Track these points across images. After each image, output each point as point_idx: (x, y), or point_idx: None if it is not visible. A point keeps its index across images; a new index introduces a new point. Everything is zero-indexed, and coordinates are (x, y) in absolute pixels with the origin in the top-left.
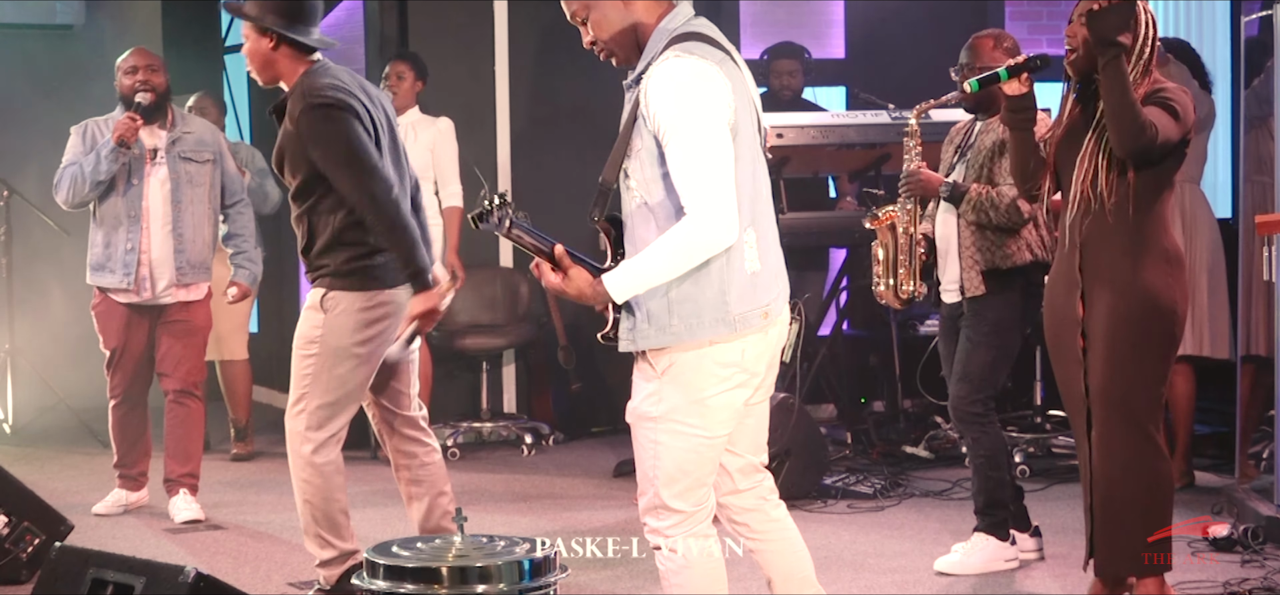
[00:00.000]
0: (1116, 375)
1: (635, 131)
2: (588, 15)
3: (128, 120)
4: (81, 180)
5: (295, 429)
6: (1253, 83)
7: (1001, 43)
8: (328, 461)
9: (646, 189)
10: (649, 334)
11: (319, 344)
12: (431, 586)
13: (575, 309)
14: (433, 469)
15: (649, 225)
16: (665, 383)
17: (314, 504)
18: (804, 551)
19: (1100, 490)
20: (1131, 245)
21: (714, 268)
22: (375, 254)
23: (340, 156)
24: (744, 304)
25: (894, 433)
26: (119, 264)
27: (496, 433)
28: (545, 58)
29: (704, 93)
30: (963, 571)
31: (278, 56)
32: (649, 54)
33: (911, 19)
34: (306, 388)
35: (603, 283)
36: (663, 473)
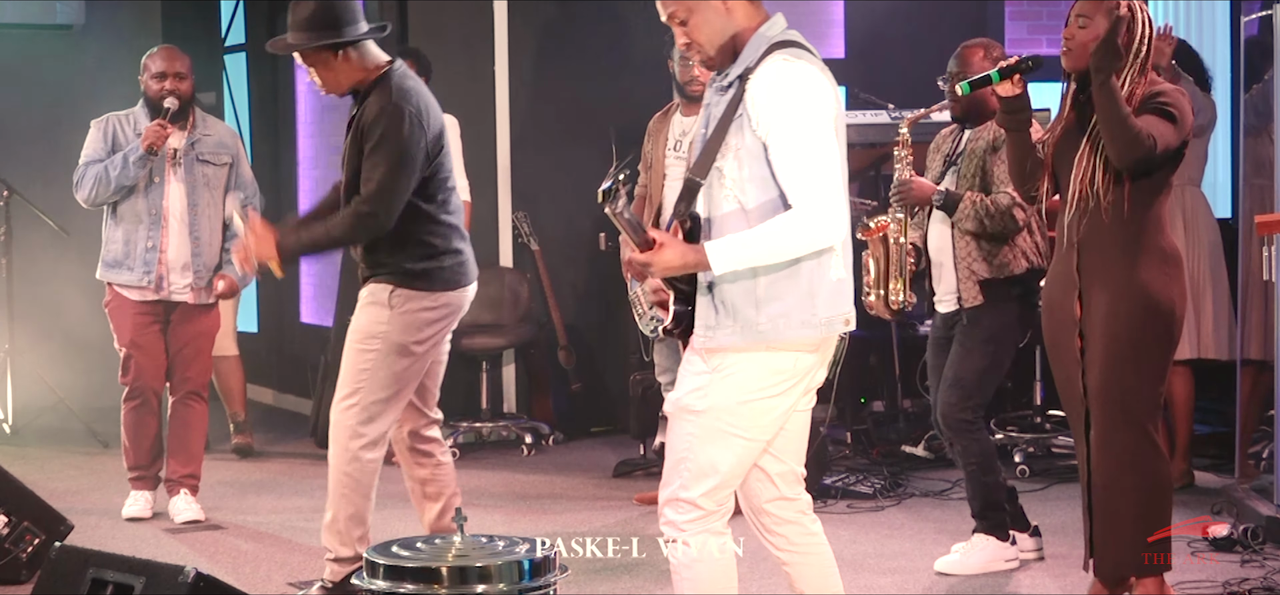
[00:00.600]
0: (1115, 375)
1: (733, 130)
2: (687, 17)
3: (158, 128)
4: (105, 182)
5: (345, 422)
6: (1252, 88)
7: (991, 52)
8: (374, 458)
9: (742, 189)
10: (733, 331)
11: (381, 340)
12: (431, 586)
13: (575, 309)
14: (446, 471)
15: (740, 225)
16: (715, 379)
17: (348, 498)
18: (836, 572)
19: (1099, 490)
20: (1129, 245)
21: (804, 269)
22: (443, 255)
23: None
24: (830, 309)
25: (893, 433)
26: (139, 262)
27: (496, 433)
28: (545, 58)
29: (815, 95)
30: (962, 571)
31: (344, 66)
32: (747, 58)
33: (911, 19)
34: (363, 382)
35: (704, 250)
36: (694, 468)
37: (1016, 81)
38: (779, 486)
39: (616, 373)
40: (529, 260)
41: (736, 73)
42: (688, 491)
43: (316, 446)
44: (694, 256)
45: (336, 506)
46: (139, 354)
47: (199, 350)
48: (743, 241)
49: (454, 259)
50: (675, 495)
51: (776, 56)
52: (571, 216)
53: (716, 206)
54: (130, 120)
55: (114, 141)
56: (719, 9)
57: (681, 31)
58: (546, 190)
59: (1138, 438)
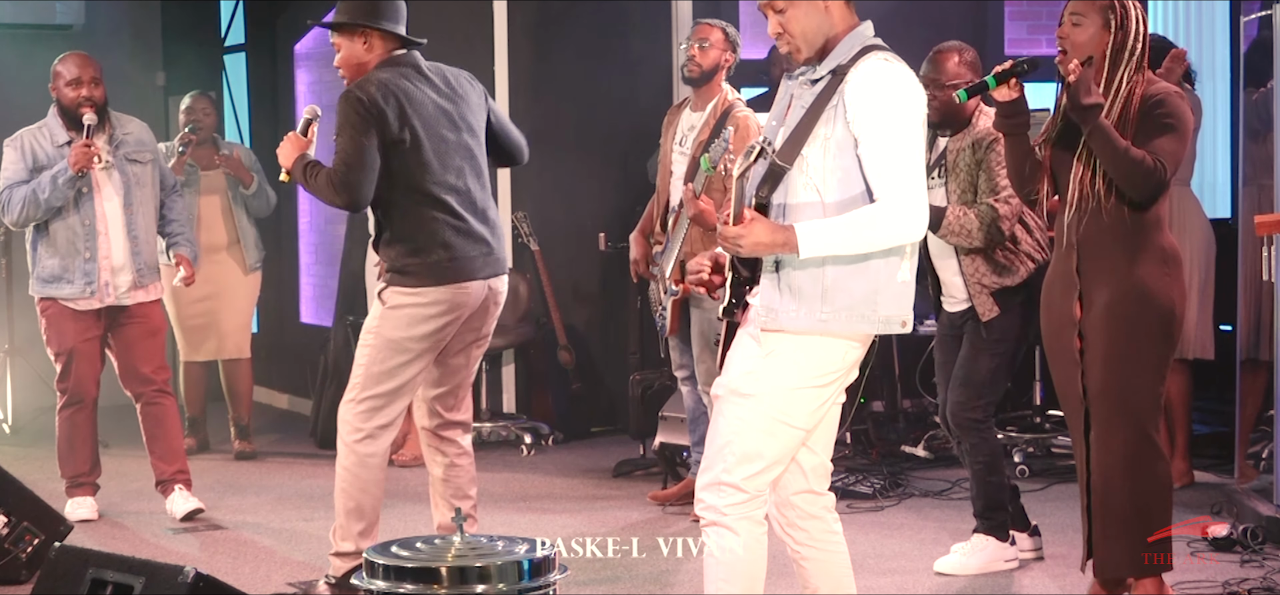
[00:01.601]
0: (1114, 375)
1: (824, 120)
2: (786, 7)
3: (83, 149)
4: (35, 204)
5: (345, 417)
6: (1255, 94)
7: (964, 56)
8: (371, 452)
9: (823, 179)
10: (796, 315)
11: (373, 335)
12: (431, 586)
13: (575, 309)
14: (461, 473)
15: (815, 216)
16: (766, 364)
17: (349, 492)
18: (851, 575)
19: (1098, 490)
20: (1128, 245)
21: (873, 265)
22: (430, 251)
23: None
24: (890, 308)
25: (893, 433)
26: (78, 274)
27: (496, 433)
28: (545, 58)
29: (912, 97)
30: (962, 572)
31: (370, 56)
32: (839, 55)
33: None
34: (360, 377)
35: (793, 231)
36: (740, 451)
37: (1013, 86)
38: (809, 480)
39: (616, 373)
40: (529, 260)
41: (828, 67)
42: (731, 475)
43: (316, 446)
44: (782, 237)
45: (339, 500)
46: (79, 360)
47: (153, 348)
48: (828, 227)
49: (446, 254)
50: (718, 479)
51: (876, 56)
52: (571, 216)
53: (794, 193)
54: (46, 133)
55: (33, 158)
56: (819, 7)
57: (776, 20)
58: (546, 190)
59: (1137, 438)
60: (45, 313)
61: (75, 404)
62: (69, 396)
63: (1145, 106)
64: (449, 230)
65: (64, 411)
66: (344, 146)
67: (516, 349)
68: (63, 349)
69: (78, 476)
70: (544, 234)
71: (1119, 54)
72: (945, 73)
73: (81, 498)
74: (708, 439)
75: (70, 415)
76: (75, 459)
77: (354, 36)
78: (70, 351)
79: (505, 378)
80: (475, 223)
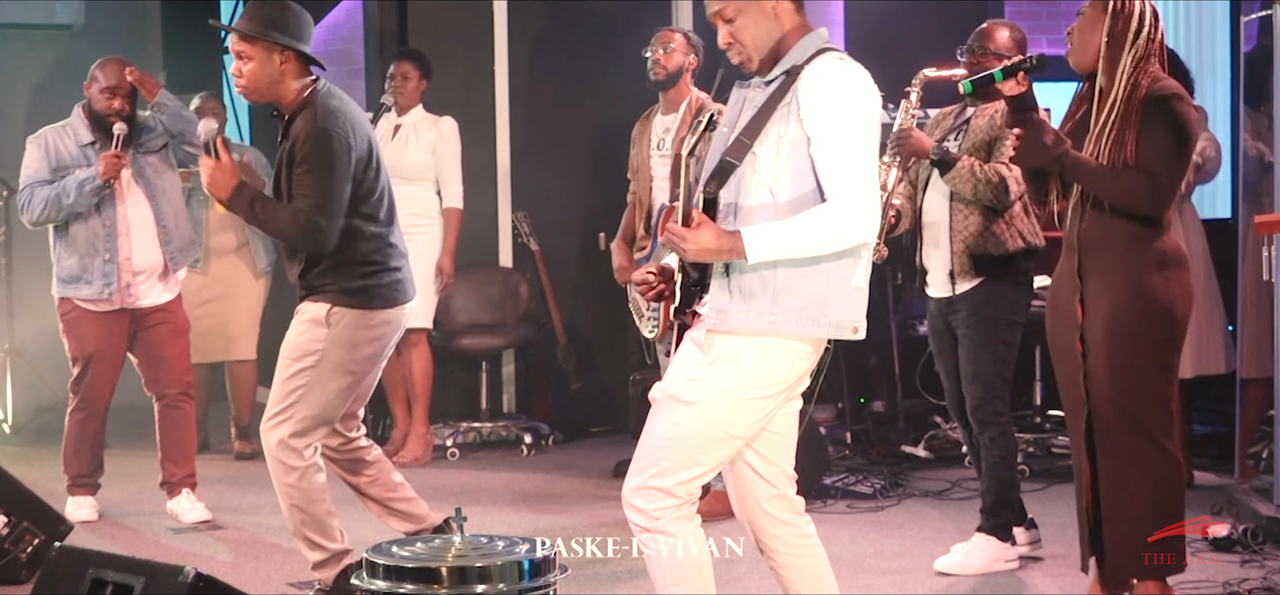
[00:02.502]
0: (1116, 378)
1: (777, 118)
2: (735, 16)
3: (114, 160)
4: (56, 208)
5: (278, 437)
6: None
7: (1015, 34)
8: (309, 465)
9: (775, 178)
10: (745, 316)
11: (318, 358)
12: (431, 586)
13: (575, 309)
14: (383, 464)
15: (768, 216)
16: (709, 371)
17: (300, 508)
18: (830, 575)
19: (1103, 492)
20: (1129, 246)
21: (825, 269)
22: (381, 273)
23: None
24: (841, 314)
25: (893, 433)
26: (97, 275)
27: (496, 433)
28: (545, 58)
29: (866, 97)
30: (964, 572)
31: (285, 73)
32: (794, 57)
33: (911, 19)
34: (296, 399)
35: (740, 236)
36: (675, 457)
37: (1021, 80)
38: (774, 486)
39: (616, 373)
40: (529, 260)
41: (782, 69)
42: (664, 480)
43: None
44: (729, 242)
45: (291, 518)
46: (97, 366)
47: (179, 350)
48: (777, 231)
49: (392, 277)
50: (650, 484)
51: (831, 56)
52: (572, 216)
53: (746, 193)
54: (69, 132)
55: (56, 157)
56: (768, 12)
57: (726, 30)
58: (546, 190)
59: (1138, 440)
60: (64, 315)
61: (87, 410)
62: (81, 401)
63: (1148, 103)
64: (395, 254)
65: (75, 415)
66: (318, 186)
67: (516, 349)
68: (81, 354)
69: (79, 476)
70: (544, 234)
71: (1118, 41)
72: (994, 42)
73: (82, 497)
74: (641, 440)
75: (81, 419)
76: (79, 460)
77: (270, 52)
78: (88, 356)
79: (505, 378)
80: (402, 246)
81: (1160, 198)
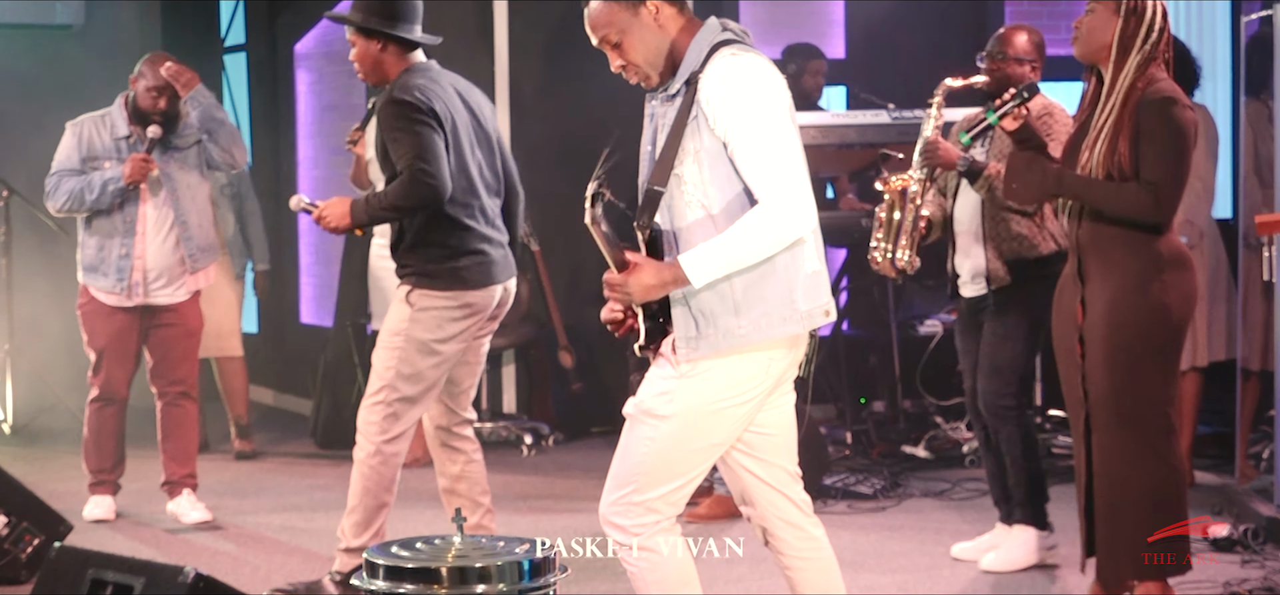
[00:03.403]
0: (1113, 377)
1: (690, 133)
2: (620, 39)
3: (142, 163)
4: (79, 201)
5: (371, 418)
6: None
7: (1034, 37)
8: (396, 452)
9: (705, 193)
10: (715, 339)
11: (403, 337)
12: (431, 587)
13: (575, 309)
14: (475, 470)
15: (708, 232)
16: (682, 384)
17: (371, 491)
18: (838, 575)
19: (1100, 493)
20: (1129, 248)
21: (779, 266)
22: (460, 256)
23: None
24: (809, 302)
25: (894, 433)
26: (113, 269)
27: (496, 433)
28: (545, 58)
29: (768, 85)
30: (1009, 567)
31: (385, 57)
32: (690, 62)
33: (911, 19)
34: (387, 378)
35: (680, 265)
36: (650, 472)
37: (1016, 115)
38: (778, 489)
39: (616, 373)
40: (529, 260)
41: (682, 79)
42: (643, 495)
43: (317, 446)
44: (670, 274)
45: (358, 498)
46: (112, 358)
47: (186, 351)
48: (716, 249)
49: (473, 259)
50: (627, 499)
51: (723, 53)
52: (572, 217)
53: (680, 216)
54: (107, 123)
55: (89, 147)
56: (650, 25)
57: (616, 54)
58: (546, 190)
59: (1137, 441)
60: (81, 305)
61: (105, 401)
62: (100, 392)
63: (1143, 108)
64: (475, 236)
65: (94, 404)
66: (408, 143)
67: (516, 349)
68: (96, 346)
69: (101, 472)
70: (544, 234)
71: (1128, 43)
72: (1013, 47)
73: (101, 496)
74: (616, 456)
75: (99, 409)
76: (100, 454)
77: (370, 38)
78: (103, 349)
79: (505, 378)
80: (493, 227)
81: (1164, 207)
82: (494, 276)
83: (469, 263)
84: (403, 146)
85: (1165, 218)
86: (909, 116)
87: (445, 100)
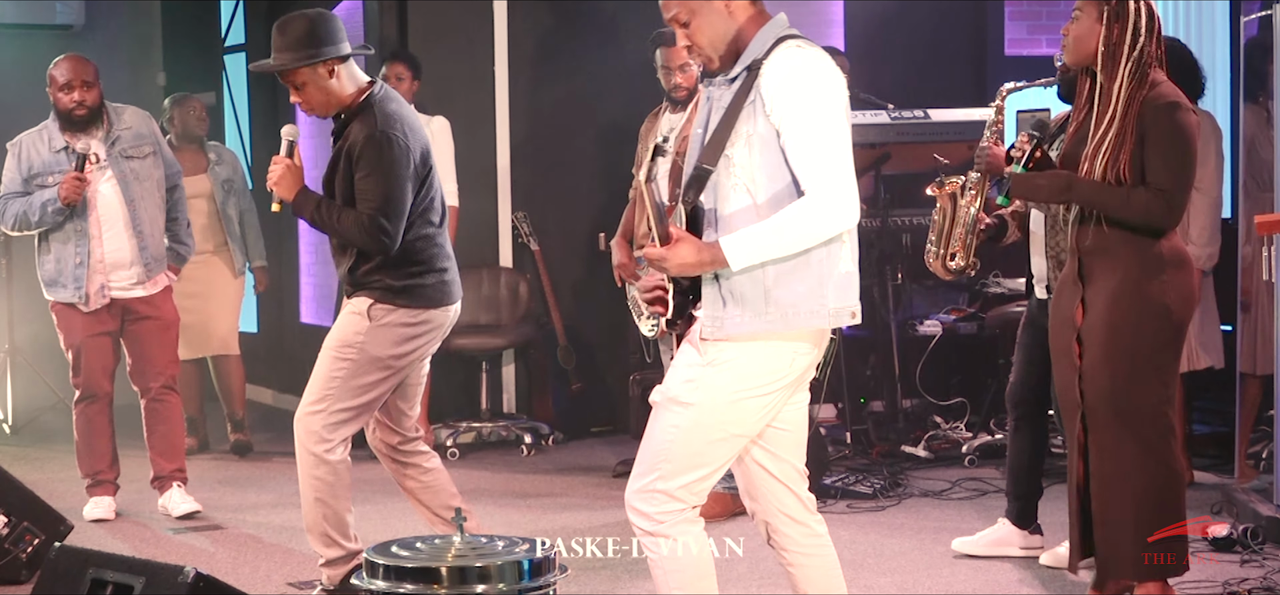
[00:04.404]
0: (1111, 376)
1: (745, 117)
2: (690, 19)
3: (74, 182)
4: (26, 222)
5: (311, 428)
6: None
7: None
8: (340, 461)
9: (752, 177)
10: (741, 321)
11: (356, 350)
12: (431, 586)
13: (575, 309)
14: (437, 477)
15: (749, 218)
16: (707, 372)
17: (325, 502)
18: (840, 574)
19: (1097, 495)
20: (1129, 249)
21: (814, 259)
22: (427, 273)
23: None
24: (838, 300)
25: (893, 433)
26: (70, 279)
27: (496, 433)
28: (545, 58)
29: (829, 81)
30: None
31: (333, 84)
32: (753, 52)
33: (911, 19)
34: (333, 389)
35: (720, 246)
36: (676, 460)
37: (1041, 153)
38: (786, 486)
39: (616, 373)
40: (529, 260)
41: (743, 64)
42: (666, 483)
43: None
44: (709, 254)
45: (312, 512)
46: (87, 355)
47: (163, 343)
48: (758, 234)
49: (437, 277)
50: (651, 486)
51: (789, 45)
52: (571, 216)
53: (724, 198)
54: (44, 137)
55: (29, 165)
56: (721, 10)
57: (683, 33)
58: (546, 190)
59: (1134, 443)
60: (54, 309)
61: (88, 399)
62: (82, 391)
63: (1147, 114)
64: (441, 255)
65: (78, 405)
66: (381, 190)
67: (516, 349)
68: (72, 343)
69: (98, 474)
70: (544, 234)
71: (1115, 51)
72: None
73: (100, 497)
74: (643, 443)
75: (83, 409)
76: (93, 456)
77: (316, 70)
78: (78, 346)
79: (505, 378)
80: (448, 249)
81: (1174, 212)
82: (453, 296)
83: (435, 281)
84: (373, 190)
85: (1175, 222)
86: (908, 116)
87: (416, 128)
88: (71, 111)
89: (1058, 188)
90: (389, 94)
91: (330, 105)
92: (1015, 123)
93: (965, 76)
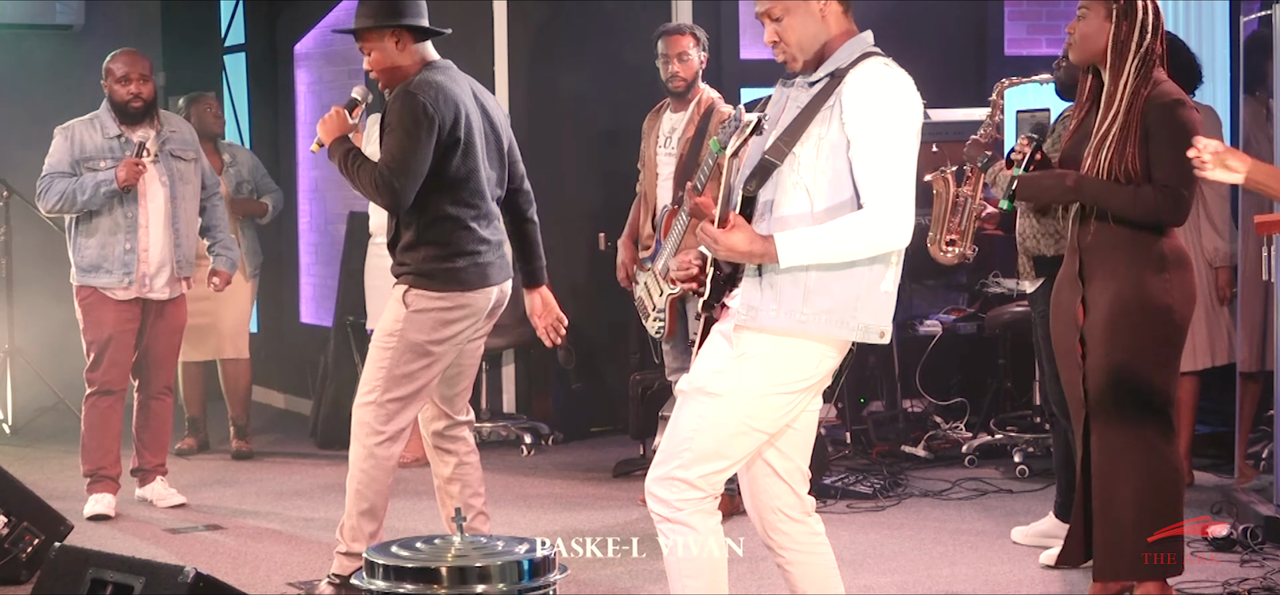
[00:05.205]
0: (1113, 376)
1: (820, 120)
2: (782, 15)
3: (133, 165)
4: (71, 202)
5: (364, 419)
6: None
7: None
8: (389, 455)
9: (813, 180)
10: (776, 315)
11: (397, 338)
12: (430, 586)
13: (575, 309)
14: (469, 471)
15: (803, 222)
16: (736, 365)
17: (364, 494)
18: (837, 574)
19: (1099, 494)
20: (1129, 248)
21: (858, 272)
22: (457, 256)
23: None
24: (871, 318)
25: (893, 433)
26: (117, 264)
27: (496, 433)
28: (545, 58)
29: (909, 103)
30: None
31: (402, 55)
32: (837, 60)
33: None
34: (380, 379)
35: (774, 241)
36: (699, 449)
37: (1041, 155)
38: (788, 484)
39: (617, 373)
40: None
41: (827, 70)
42: (687, 472)
43: (316, 447)
44: (762, 246)
45: (352, 501)
46: (113, 350)
47: (173, 348)
48: (811, 237)
49: (470, 260)
50: (672, 474)
51: (876, 60)
52: (572, 216)
53: (783, 194)
54: (96, 125)
55: (82, 148)
56: (815, 13)
57: (773, 28)
58: (546, 190)
59: (1132, 440)
60: (83, 301)
61: (104, 393)
62: (99, 387)
63: (1150, 112)
64: (474, 238)
65: (91, 399)
66: (395, 148)
67: (516, 349)
68: (98, 337)
69: (100, 470)
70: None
71: (1123, 49)
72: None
73: (101, 494)
74: (667, 432)
75: (96, 403)
76: (100, 451)
77: (385, 37)
78: (106, 341)
79: (505, 378)
80: (492, 230)
81: (1179, 209)
82: (490, 278)
83: (466, 264)
84: (391, 146)
85: (1181, 218)
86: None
87: (461, 101)
88: (128, 103)
89: (1065, 188)
90: (442, 66)
91: (391, 74)
92: (1015, 124)
93: (965, 76)
